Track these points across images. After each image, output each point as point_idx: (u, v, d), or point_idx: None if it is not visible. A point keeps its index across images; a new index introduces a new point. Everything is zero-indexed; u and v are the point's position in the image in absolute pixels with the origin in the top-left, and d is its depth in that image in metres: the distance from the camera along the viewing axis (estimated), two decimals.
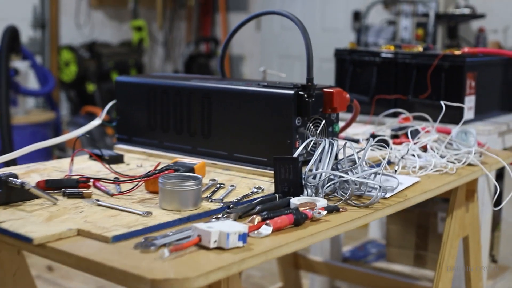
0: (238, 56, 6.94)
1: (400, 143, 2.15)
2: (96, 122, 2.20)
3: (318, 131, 1.85)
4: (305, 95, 1.76)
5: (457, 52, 2.56)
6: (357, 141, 2.16)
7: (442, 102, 2.05)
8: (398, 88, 2.67)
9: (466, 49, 2.57)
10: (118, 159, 1.99)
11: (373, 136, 2.15)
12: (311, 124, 1.82)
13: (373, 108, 2.67)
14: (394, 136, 2.30)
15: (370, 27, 5.29)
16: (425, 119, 2.35)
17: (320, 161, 1.66)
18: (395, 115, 2.61)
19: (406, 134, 2.28)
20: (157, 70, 6.80)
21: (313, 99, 1.76)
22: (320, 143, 1.68)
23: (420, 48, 2.68)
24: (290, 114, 1.76)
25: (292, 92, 1.76)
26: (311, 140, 1.77)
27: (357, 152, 1.69)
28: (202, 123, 1.97)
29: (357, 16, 5.53)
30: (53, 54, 5.67)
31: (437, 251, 2.97)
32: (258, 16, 1.97)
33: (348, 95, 1.89)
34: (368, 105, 2.70)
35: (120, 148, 2.17)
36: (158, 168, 1.68)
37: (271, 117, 1.80)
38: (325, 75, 3.71)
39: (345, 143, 1.70)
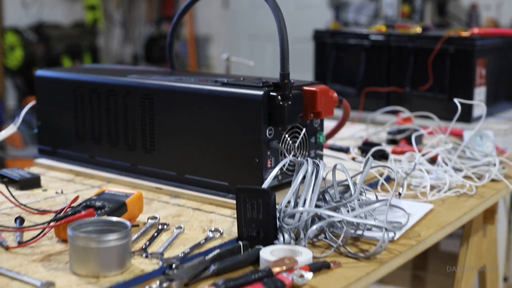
0: (204, 36, 6.47)
1: (401, 152, 1.72)
2: (10, 130, 1.74)
3: (296, 144, 1.41)
4: (279, 97, 1.32)
5: (465, 34, 2.13)
6: (346, 151, 1.72)
7: (456, 101, 1.62)
8: (392, 78, 2.24)
9: (476, 30, 2.14)
10: (33, 183, 1.53)
11: (367, 144, 1.71)
12: (287, 135, 1.38)
13: (362, 103, 2.24)
14: (392, 142, 1.87)
15: (349, 3, 4.87)
16: (427, 117, 1.92)
17: (300, 188, 1.22)
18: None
19: (406, 138, 1.85)
20: (114, 53, 6.30)
21: (290, 102, 1.32)
22: (301, 165, 1.24)
23: (418, 29, 2.24)
24: (259, 123, 1.32)
25: (260, 92, 1.32)
26: (288, 160, 1.33)
27: (352, 177, 1.26)
28: (143, 133, 1.52)
29: None
30: None
31: (438, 272, 2.56)
32: None
33: (335, 94, 1.46)
34: (355, 98, 2.27)
35: (42, 163, 1.71)
36: (75, 204, 1.23)
37: (234, 126, 1.36)
38: (299, 59, 3.26)
39: (335, 166, 1.26)
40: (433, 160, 1.63)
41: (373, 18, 4.45)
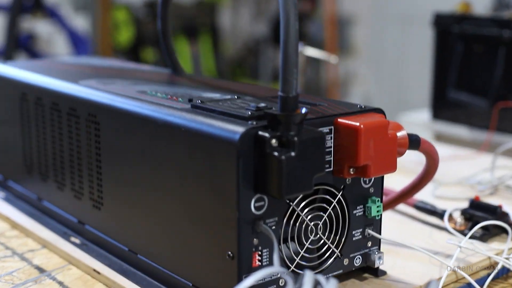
0: (347, 17, 5.82)
1: None
2: None
3: (322, 221, 0.81)
4: (273, 141, 0.72)
5: None
6: (440, 215, 1.09)
7: None
8: None
9: None
10: None
11: (475, 207, 1.06)
12: (301, 205, 0.78)
13: (494, 121, 1.57)
14: None
15: None
16: None
17: None
18: None
19: None
20: (242, 32, 5.80)
21: (294, 153, 0.71)
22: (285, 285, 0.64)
23: None
24: (232, 188, 0.73)
25: (239, 129, 0.72)
26: (271, 273, 0.73)
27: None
28: (90, 176, 0.97)
29: None
30: (105, 13, 4.78)
31: None
32: None
33: (403, 132, 0.84)
34: (486, 113, 1.61)
35: None
36: None
37: (200, 187, 0.78)
38: None
39: None
40: None
41: None
